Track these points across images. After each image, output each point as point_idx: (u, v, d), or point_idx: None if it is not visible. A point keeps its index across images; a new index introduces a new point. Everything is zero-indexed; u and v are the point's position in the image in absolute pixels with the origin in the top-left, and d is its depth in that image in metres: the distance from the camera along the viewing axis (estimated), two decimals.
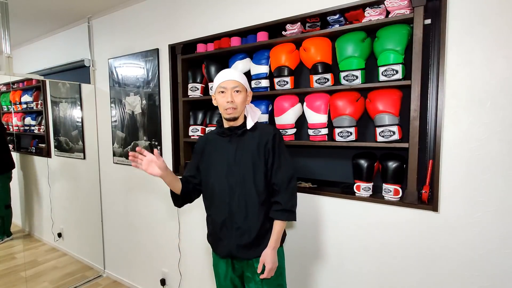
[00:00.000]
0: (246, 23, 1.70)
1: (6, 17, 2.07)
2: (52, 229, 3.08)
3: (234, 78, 1.23)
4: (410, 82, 1.22)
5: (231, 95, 1.21)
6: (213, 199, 1.29)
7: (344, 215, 1.47)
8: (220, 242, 1.28)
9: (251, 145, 1.24)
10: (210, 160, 1.30)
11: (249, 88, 1.32)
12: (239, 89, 1.23)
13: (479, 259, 1.17)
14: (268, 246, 1.22)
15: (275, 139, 1.24)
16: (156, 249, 2.36)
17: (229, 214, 1.24)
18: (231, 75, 1.23)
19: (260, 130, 1.27)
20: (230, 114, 1.23)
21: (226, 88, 1.22)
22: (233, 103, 1.21)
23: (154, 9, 2.17)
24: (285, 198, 1.21)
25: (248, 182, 1.22)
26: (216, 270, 1.36)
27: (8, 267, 2.75)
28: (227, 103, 1.21)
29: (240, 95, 1.23)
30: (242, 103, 1.24)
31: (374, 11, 1.29)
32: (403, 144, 1.25)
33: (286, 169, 1.23)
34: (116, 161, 2.56)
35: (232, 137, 1.27)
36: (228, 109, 1.22)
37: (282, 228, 1.24)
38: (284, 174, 1.22)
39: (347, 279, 1.48)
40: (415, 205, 1.26)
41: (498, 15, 1.09)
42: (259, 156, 1.23)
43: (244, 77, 1.28)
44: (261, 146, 1.23)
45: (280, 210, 1.21)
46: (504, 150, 1.10)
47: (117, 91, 2.46)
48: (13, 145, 2.82)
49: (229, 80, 1.23)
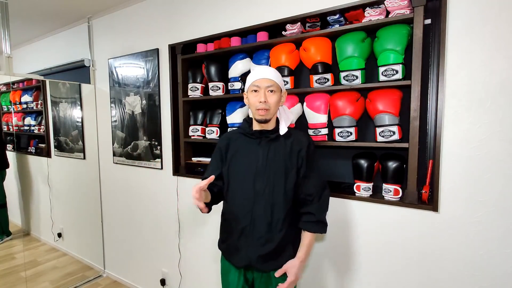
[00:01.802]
0: (246, 23, 1.70)
1: (6, 17, 2.07)
2: (52, 229, 3.08)
3: (269, 77, 1.14)
4: (410, 82, 1.22)
5: (265, 95, 1.13)
6: (234, 204, 1.21)
7: (344, 215, 1.47)
8: (237, 251, 1.20)
9: (284, 152, 1.17)
10: (235, 162, 1.22)
11: (284, 88, 1.23)
12: (273, 89, 1.15)
13: (479, 259, 1.17)
14: (297, 257, 1.16)
15: (309, 148, 1.19)
16: (156, 249, 2.36)
17: (251, 222, 1.16)
18: (267, 73, 1.15)
19: (294, 137, 1.20)
20: (262, 115, 1.15)
21: (260, 87, 1.14)
22: (266, 103, 1.13)
23: (154, 9, 2.17)
24: (319, 209, 1.16)
25: (277, 190, 1.15)
26: (226, 279, 1.28)
27: (8, 267, 2.75)
28: (260, 103, 1.13)
29: (274, 95, 1.15)
30: (276, 104, 1.16)
31: (374, 11, 1.29)
32: (403, 144, 1.25)
33: (319, 179, 1.18)
34: (116, 161, 2.56)
35: (262, 140, 1.20)
36: (260, 110, 1.14)
37: (313, 240, 1.19)
38: (317, 185, 1.17)
39: (347, 279, 1.48)
40: (415, 205, 1.26)
41: (498, 15, 1.09)
42: (291, 164, 1.16)
43: (280, 76, 1.20)
44: (294, 154, 1.17)
45: (313, 222, 1.16)
46: (504, 150, 1.10)
47: (117, 91, 2.46)
48: (13, 145, 2.82)
49: (263, 78, 1.14)
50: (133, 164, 2.43)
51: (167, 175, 2.20)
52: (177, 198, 2.15)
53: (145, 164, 2.34)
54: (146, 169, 2.35)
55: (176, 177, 2.14)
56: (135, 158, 2.40)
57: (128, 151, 2.45)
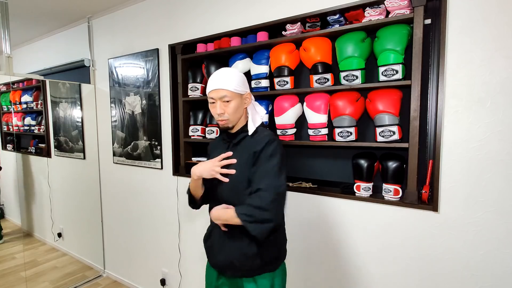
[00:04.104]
0: (246, 23, 1.70)
1: (6, 17, 2.07)
2: (52, 229, 3.08)
3: (221, 87, 1.10)
4: (410, 82, 1.22)
5: (220, 106, 1.12)
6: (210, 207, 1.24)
7: (344, 215, 1.47)
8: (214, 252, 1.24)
9: (247, 153, 1.14)
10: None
11: (247, 89, 1.17)
12: (228, 99, 1.11)
13: (479, 259, 1.17)
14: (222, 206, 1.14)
15: (266, 146, 1.10)
16: (156, 249, 2.36)
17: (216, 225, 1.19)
18: (218, 83, 1.11)
19: (258, 136, 1.16)
20: (224, 125, 1.17)
21: (215, 99, 1.13)
22: (223, 114, 1.13)
23: (154, 9, 2.17)
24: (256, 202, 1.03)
25: (237, 191, 1.14)
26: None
27: (8, 267, 2.75)
28: (218, 115, 1.14)
29: (230, 104, 1.12)
30: (234, 111, 1.13)
31: (374, 11, 1.29)
32: (403, 144, 1.25)
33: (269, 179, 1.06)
34: (116, 161, 2.56)
35: (230, 144, 1.21)
36: (220, 121, 1.16)
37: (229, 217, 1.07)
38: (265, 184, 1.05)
39: (347, 279, 1.48)
40: (415, 205, 1.26)
41: (498, 15, 1.09)
42: (249, 164, 1.12)
43: (236, 79, 1.12)
44: (252, 153, 1.12)
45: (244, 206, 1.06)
46: (504, 150, 1.10)
47: (117, 91, 2.46)
48: (13, 145, 2.82)
49: (215, 89, 1.12)
50: (133, 164, 2.43)
51: (167, 175, 2.20)
52: (177, 198, 2.15)
53: (145, 164, 2.34)
54: (146, 169, 2.35)
55: (176, 177, 2.14)
56: (135, 158, 2.40)
57: (128, 151, 2.45)
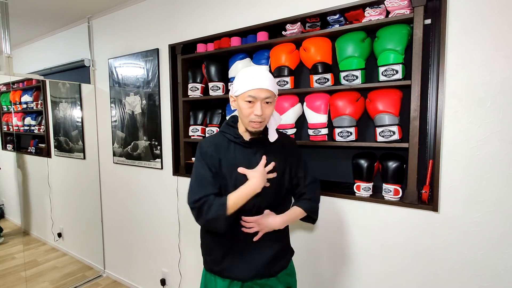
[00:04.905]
0: (246, 23, 1.70)
1: (6, 17, 2.07)
2: (52, 229, 3.08)
3: (267, 87, 1.01)
4: (410, 82, 1.22)
5: (261, 108, 1.02)
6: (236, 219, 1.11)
7: (344, 215, 1.47)
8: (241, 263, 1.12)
9: (279, 156, 1.14)
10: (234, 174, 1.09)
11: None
12: (270, 100, 1.04)
13: (479, 259, 1.17)
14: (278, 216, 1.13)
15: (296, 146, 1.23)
16: (156, 249, 2.36)
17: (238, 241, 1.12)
18: (264, 83, 1.01)
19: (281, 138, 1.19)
20: (256, 128, 1.06)
21: (256, 98, 1.01)
22: (262, 116, 1.03)
23: (154, 9, 2.17)
24: (314, 199, 1.19)
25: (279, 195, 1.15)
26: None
27: (8, 267, 2.75)
28: (255, 116, 1.02)
29: (270, 106, 1.05)
30: (270, 115, 1.07)
31: (374, 11, 1.29)
32: (403, 144, 1.25)
33: (310, 175, 1.21)
34: (116, 161, 2.56)
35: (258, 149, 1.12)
36: (254, 123, 1.04)
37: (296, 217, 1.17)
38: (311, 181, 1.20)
39: (347, 280, 1.48)
40: (415, 205, 1.26)
41: (498, 15, 1.09)
42: (284, 165, 1.15)
43: (275, 81, 1.08)
44: (286, 154, 1.16)
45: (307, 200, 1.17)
46: (504, 150, 1.10)
47: (117, 91, 2.46)
48: (13, 145, 2.82)
49: (261, 89, 1.01)
50: (133, 164, 2.43)
51: (167, 175, 2.20)
52: (177, 198, 2.15)
53: (145, 164, 2.34)
54: (146, 169, 2.35)
55: (176, 177, 2.14)
56: (135, 158, 2.40)
57: (128, 151, 2.45)
